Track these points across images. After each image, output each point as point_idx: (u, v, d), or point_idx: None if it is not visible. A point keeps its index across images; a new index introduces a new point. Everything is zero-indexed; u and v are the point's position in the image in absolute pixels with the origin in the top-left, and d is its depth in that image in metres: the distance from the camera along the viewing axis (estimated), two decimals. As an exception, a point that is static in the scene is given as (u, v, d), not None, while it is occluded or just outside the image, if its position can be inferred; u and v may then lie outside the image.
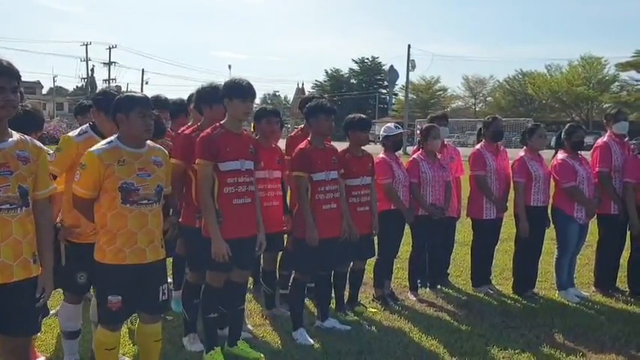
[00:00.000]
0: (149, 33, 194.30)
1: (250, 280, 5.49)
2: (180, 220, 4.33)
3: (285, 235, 5.07)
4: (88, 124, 3.96)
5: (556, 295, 6.02)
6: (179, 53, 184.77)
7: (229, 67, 78.85)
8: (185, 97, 5.73)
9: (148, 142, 3.51)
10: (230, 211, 3.95)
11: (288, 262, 5.00)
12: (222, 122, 4.06)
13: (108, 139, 3.45)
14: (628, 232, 6.04)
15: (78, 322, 3.93)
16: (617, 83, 58.90)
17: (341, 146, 5.12)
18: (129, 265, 3.34)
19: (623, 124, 6.15)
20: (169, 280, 5.26)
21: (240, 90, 3.98)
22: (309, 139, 4.73)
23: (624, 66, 56.83)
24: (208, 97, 4.31)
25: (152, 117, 3.45)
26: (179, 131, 4.81)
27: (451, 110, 63.45)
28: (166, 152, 3.66)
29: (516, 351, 4.49)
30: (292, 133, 5.60)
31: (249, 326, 4.82)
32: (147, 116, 3.39)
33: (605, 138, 6.19)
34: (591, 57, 58.58)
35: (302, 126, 5.57)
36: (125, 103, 3.41)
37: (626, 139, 6.28)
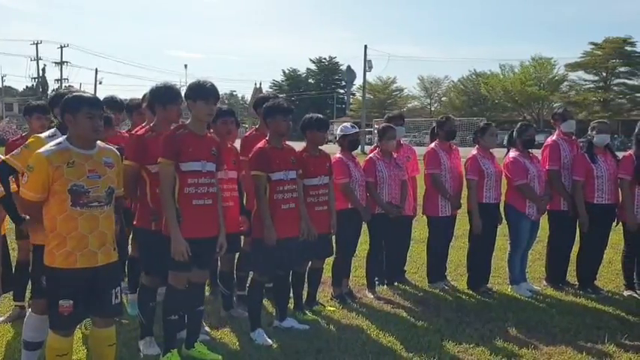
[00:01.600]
0: (102, 32, 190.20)
1: (207, 281, 5.46)
2: (134, 222, 4.27)
3: (242, 236, 5.04)
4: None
5: (509, 289, 6.18)
6: (134, 53, 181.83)
7: (185, 66, 78.43)
8: (140, 97, 5.64)
9: (99, 142, 3.45)
10: (190, 211, 3.93)
11: (246, 263, 4.97)
12: (186, 123, 4.07)
13: (57, 140, 3.37)
14: (577, 228, 6.24)
15: (42, 334, 3.73)
16: (566, 83, 60.75)
17: (298, 146, 5.14)
18: (80, 269, 3.27)
19: (571, 122, 6.35)
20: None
21: (204, 91, 3.99)
22: (267, 138, 4.72)
23: (573, 66, 58.70)
24: (162, 97, 4.25)
25: (102, 117, 3.39)
26: (132, 132, 4.73)
27: (407, 110, 64.26)
28: (118, 153, 3.60)
29: (471, 345, 4.58)
30: (247, 134, 5.58)
31: (207, 328, 4.77)
32: (95, 117, 3.33)
33: (554, 137, 6.38)
34: (542, 58, 60.29)
35: (257, 126, 5.56)
36: (72, 103, 3.34)
37: (574, 137, 6.49)
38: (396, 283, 6.25)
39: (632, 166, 5.87)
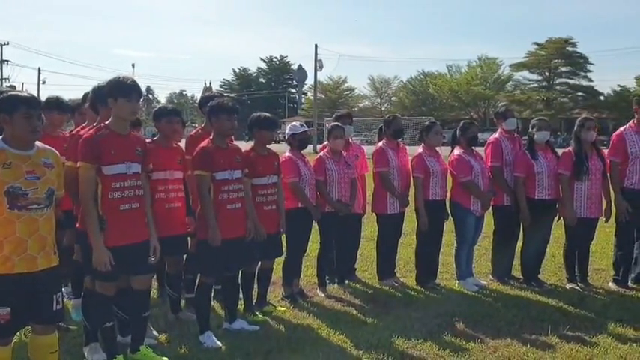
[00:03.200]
0: (46, 30, 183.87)
1: (155, 284, 5.37)
2: (77, 225, 4.14)
3: (190, 238, 4.97)
4: None
5: (456, 284, 6.30)
6: (80, 51, 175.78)
7: (133, 65, 76.44)
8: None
9: (38, 143, 3.34)
10: (116, 217, 3.80)
11: (193, 264, 4.90)
12: (106, 123, 3.90)
13: None
14: (521, 223, 6.41)
15: None
16: (511, 82, 62.56)
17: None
18: (18, 274, 3.16)
19: (512, 120, 6.54)
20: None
21: (125, 88, 3.84)
22: (211, 137, 4.66)
23: (517, 66, 60.54)
24: (105, 96, 4.14)
25: (40, 117, 3.28)
26: (73, 132, 4.60)
27: (359, 109, 64.84)
28: (58, 154, 3.49)
29: (419, 340, 4.65)
30: (192, 133, 5.51)
31: (154, 332, 4.68)
32: (33, 117, 3.21)
33: (496, 134, 6.55)
34: (488, 58, 61.96)
35: (202, 125, 5.50)
36: (8, 103, 3.21)
37: (517, 134, 6.68)
38: (346, 281, 6.29)
39: (570, 163, 6.09)
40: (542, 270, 6.60)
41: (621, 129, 6.32)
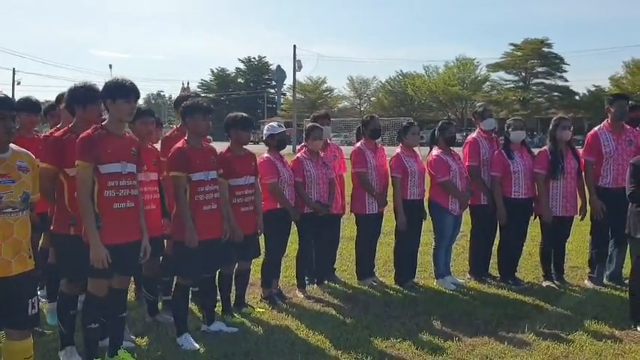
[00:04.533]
0: (22, 30, 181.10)
1: (132, 286, 5.31)
2: (52, 227, 4.09)
3: (166, 240, 4.93)
4: None
5: (434, 283, 6.34)
6: (56, 52, 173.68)
7: (110, 66, 75.43)
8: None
9: (12, 145, 3.28)
10: (110, 215, 3.80)
11: (169, 266, 4.86)
12: (103, 123, 3.91)
13: None
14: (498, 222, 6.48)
15: None
16: (488, 83, 63.16)
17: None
18: (-8, 279, 3.10)
19: (490, 120, 6.60)
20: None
21: (124, 90, 3.87)
22: (185, 138, 4.62)
23: (494, 67, 61.16)
24: (82, 97, 4.12)
25: (13, 118, 3.22)
26: (48, 134, 4.54)
27: (338, 110, 64.92)
28: (33, 157, 3.43)
29: (398, 340, 4.67)
30: (167, 133, 5.46)
31: (132, 335, 4.64)
32: (7, 118, 3.16)
33: (474, 134, 6.61)
34: (465, 58, 62.45)
35: (177, 125, 5.45)
36: None
37: (494, 134, 6.74)
38: (326, 282, 6.29)
39: (546, 162, 6.16)
40: (519, 268, 6.67)
41: (596, 129, 6.41)
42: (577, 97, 58.33)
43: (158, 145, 5.21)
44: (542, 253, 6.46)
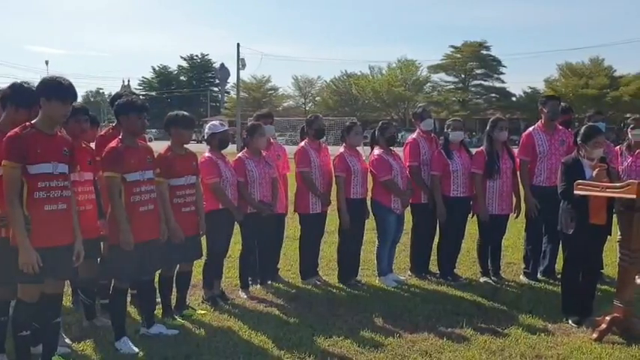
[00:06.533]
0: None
1: (68, 290, 5.15)
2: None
3: (102, 242, 4.78)
4: None
5: (377, 281, 6.42)
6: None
7: (46, 62, 72.67)
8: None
9: None
10: (41, 217, 3.64)
11: (106, 269, 4.72)
12: (33, 121, 3.73)
13: None
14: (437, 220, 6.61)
15: None
16: (429, 84, 64.42)
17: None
18: None
19: (429, 121, 6.73)
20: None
21: (61, 91, 3.71)
22: (120, 137, 4.50)
23: (435, 68, 62.42)
24: (18, 98, 3.94)
25: None
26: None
27: (283, 109, 64.75)
28: None
29: (340, 338, 4.70)
30: (102, 132, 5.31)
31: (68, 340, 4.49)
32: None
33: (414, 135, 6.74)
34: (407, 60, 63.47)
35: (113, 124, 5.31)
36: None
37: (434, 135, 6.89)
38: (269, 282, 6.26)
39: (483, 162, 6.34)
40: (458, 265, 6.84)
41: (530, 129, 6.65)
42: (514, 99, 60.23)
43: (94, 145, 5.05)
44: (480, 249, 6.64)
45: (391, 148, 6.46)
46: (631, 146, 6.43)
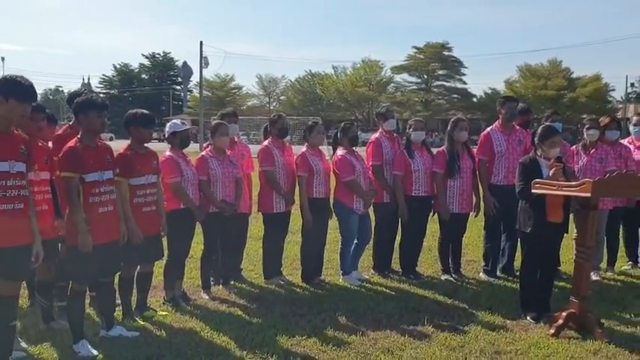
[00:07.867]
0: None
1: (25, 292, 5.02)
2: None
3: (60, 243, 4.68)
4: None
5: (340, 280, 6.45)
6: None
7: (2, 59, 70.44)
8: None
9: None
10: None
11: (64, 271, 4.61)
12: None
13: None
14: (400, 219, 6.68)
15: None
16: (392, 84, 65.08)
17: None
18: None
19: (392, 121, 6.80)
20: None
21: (21, 91, 3.65)
22: (79, 136, 4.41)
23: (398, 69, 63.13)
24: None
25: None
26: None
27: (247, 108, 64.45)
28: None
29: (303, 337, 4.70)
30: (59, 131, 5.19)
31: (24, 344, 4.37)
32: None
33: (377, 134, 6.79)
34: (371, 60, 63.96)
35: (70, 123, 5.20)
36: None
37: (396, 134, 6.95)
38: (232, 282, 6.22)
39: (444, 161, 6.43)
40: (420, 263, 6.91)
41: (488, 129, 6.77)
42: (474, 99, 61.36)
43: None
44: (441, 248, 6.74)
45: (354, 148, 6.49)
46: (586, 146, 6.63)
